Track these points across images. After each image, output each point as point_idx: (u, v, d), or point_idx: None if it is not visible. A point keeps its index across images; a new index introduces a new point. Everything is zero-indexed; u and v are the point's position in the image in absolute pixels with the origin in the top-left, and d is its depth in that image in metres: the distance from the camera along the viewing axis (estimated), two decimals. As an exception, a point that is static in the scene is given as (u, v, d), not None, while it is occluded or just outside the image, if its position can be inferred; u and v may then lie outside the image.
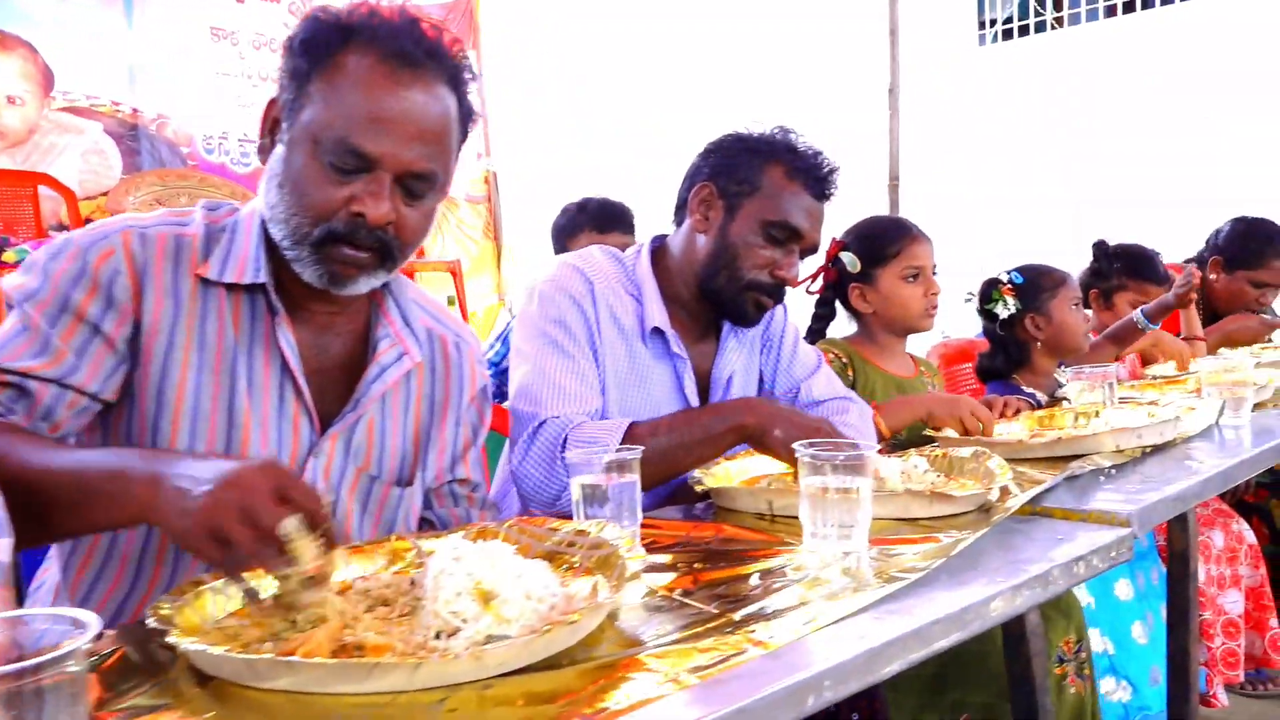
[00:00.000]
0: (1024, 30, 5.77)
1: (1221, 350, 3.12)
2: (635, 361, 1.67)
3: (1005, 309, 2.53)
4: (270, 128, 1.23)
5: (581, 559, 1.09)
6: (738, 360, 1.79)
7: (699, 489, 1.44)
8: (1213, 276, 3.36)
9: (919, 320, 2.22)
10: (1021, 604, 1.06)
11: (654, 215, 2.93)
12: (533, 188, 6.54)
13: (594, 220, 3.05)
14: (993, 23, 5.92)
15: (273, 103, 1.23)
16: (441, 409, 1.43)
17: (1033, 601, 1.08)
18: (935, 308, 2.23)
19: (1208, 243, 3.43)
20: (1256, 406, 2.11)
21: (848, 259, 2.27)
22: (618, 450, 1.25)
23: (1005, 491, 1.38)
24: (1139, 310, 2.70)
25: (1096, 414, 1.87)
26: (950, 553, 1.13)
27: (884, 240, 2.24)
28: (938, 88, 5.72)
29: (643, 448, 1.26)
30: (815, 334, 2.38)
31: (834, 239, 2.33)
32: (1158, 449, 1.71)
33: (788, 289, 1.73)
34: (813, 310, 2.41)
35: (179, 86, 5.36)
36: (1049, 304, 2.51)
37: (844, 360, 2.22)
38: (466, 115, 1.26)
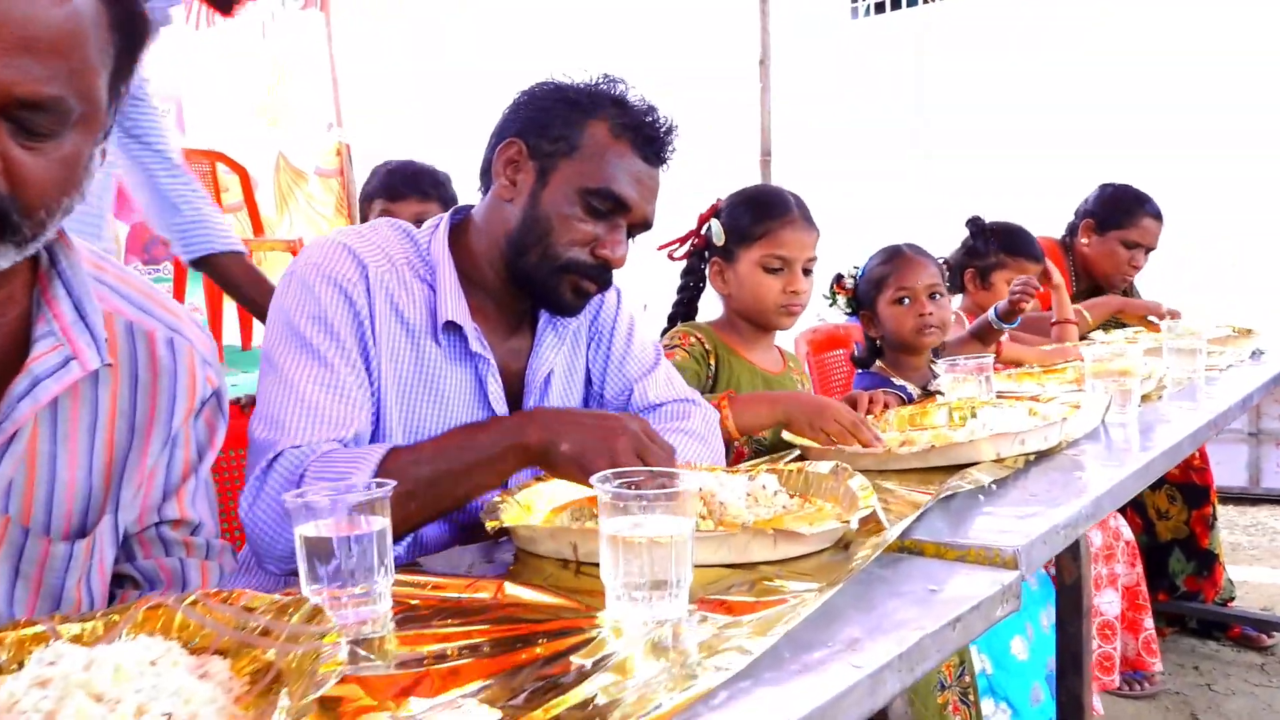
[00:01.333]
0: (896, 4, 5.62)
1: (1096, 334, 2.99)
2: (424, 364, 1.34)
3: (843, 308, 2.31)
4: None
5: (277, 655, 0.76)
6: (557, 357, 1.48)
7: (490, 526, 1.13)
8: (1084, 240, 3.26)
9: (771, 316, 1.93)
10: (883, 696, 0.79)
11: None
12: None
13: (384, 184, 2.62)
14: (866, -5, 5.77)
15: None
16: (145, 429, 1.07)
17: (899, 688, 0.82)
18: (796, 307, 1.92)
19: (1077, 212, 3.33)
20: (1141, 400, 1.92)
21: (715, 228, 1.97)
22: (349, 488, 0.93)
23: (868, 522, 1.11)
24: (992, 309, 2.49)
25: (973, 413, 1.63)
26: (792, 623, 0.85)
27: (754, 215, 1.93)
28: (810, 61, 5.52)
29: (394, 482, 0.94)
30: (681, 307, 2.08)
31: (717, 199, 2.04)
32: (1041, 456, 1.48)
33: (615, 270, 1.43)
34: (679, 281, 2.11)
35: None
36: (876, 303, 2.28)
37: (706, 347, 1.92)
38: (127, 17, 0.91)
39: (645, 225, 1.41)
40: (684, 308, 2.08)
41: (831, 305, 2.38)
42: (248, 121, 5.85)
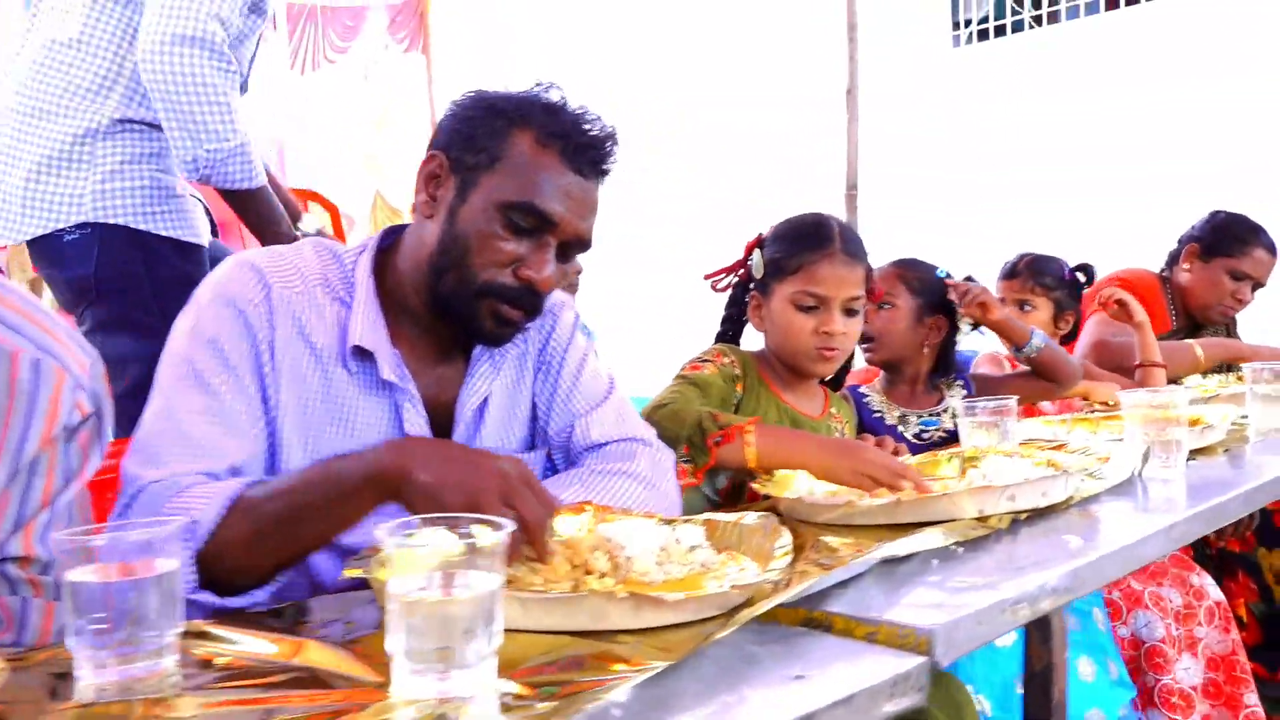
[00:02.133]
0: (1000, 30, 5.33)
1: (1190, 379, 2.66)
2: (333, 392, 1.24)
3: None
4: None
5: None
6: (496, 386, 1.36)
7: (344, 574, 1.01)
8: (1185, 267, 2.92)
9: (802, 360, 1.74)
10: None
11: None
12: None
13: None
14: (968, 23, 5.48)
15: None
16: None
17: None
18: (830, 351, 1.71)
19: (1180, 240, 3.01)
20: (1199, 453, 1.66)
21: (755, 259, 1.82)
22: (123, 527, 0.82)
23: (775, 588, 0.94)
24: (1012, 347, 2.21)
25: (975, 462, 1.43)
26: (588, 707, 0.69)
27: (790, 247, 1.75)
28: (909, 91, 5.28)
29: (183, 520, 0.83)
30: (722, 340, 1.93)
31: (760, 233, 1.87)
32: (1045, 514, 1.26)
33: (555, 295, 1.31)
34: (723, 312, 1.96)
35: None
36: None
37: (737, 372, 1.75)
38: None
39: (581, 244, 1.28)
40: (727, 332, 1.93)
41: None
42: (347, 163, 6.03)
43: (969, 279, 2.25)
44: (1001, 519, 1.19)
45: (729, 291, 1.90)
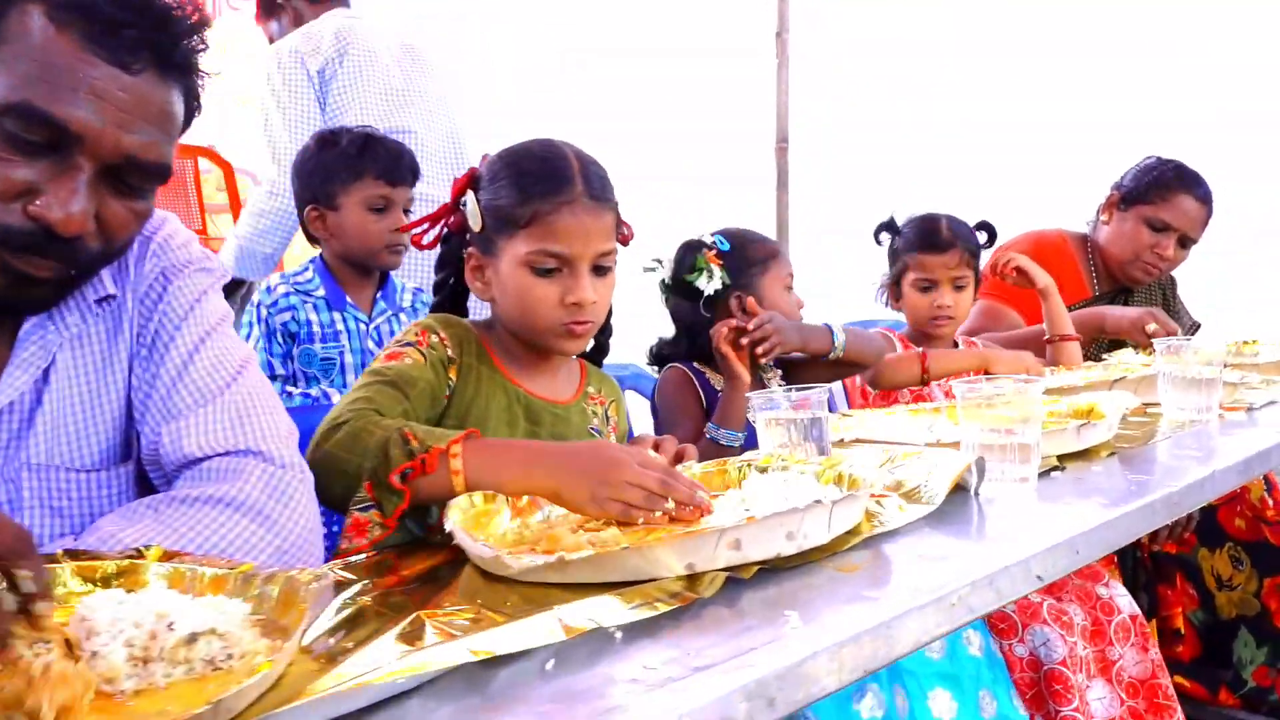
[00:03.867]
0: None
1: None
2: None
3: (710, 282, 1.76)
4: None
5: None
6: (62, 376, 0.98)
7: None
8: (1104, 219, 2.54)
9: (544, 336, 1.32)
10: None
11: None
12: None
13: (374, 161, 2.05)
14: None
15: None
16: None
17: None
18: (581, 325, 1.30)
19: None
20: (1085, 455, 1.28)
21: (468, 206, 1.35)
22: None
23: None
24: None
25: (738, 480, 1.04)
26: None
27: (518, 192, 1.30)
28: (841, 37, 4.87)
29: None
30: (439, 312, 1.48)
31: (473, 168, 1.39)
32: (803, 561, 0.87)
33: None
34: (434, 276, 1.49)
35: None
36: (759, 280, 1.81)
37: (450, 354, 1.31)
38: None
39: (140, 168, 0.89)
40: (444, 301, 1.49)
41: (697, 275, 1.80)
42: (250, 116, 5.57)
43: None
44: (714, 580, 0.80)
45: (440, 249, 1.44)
